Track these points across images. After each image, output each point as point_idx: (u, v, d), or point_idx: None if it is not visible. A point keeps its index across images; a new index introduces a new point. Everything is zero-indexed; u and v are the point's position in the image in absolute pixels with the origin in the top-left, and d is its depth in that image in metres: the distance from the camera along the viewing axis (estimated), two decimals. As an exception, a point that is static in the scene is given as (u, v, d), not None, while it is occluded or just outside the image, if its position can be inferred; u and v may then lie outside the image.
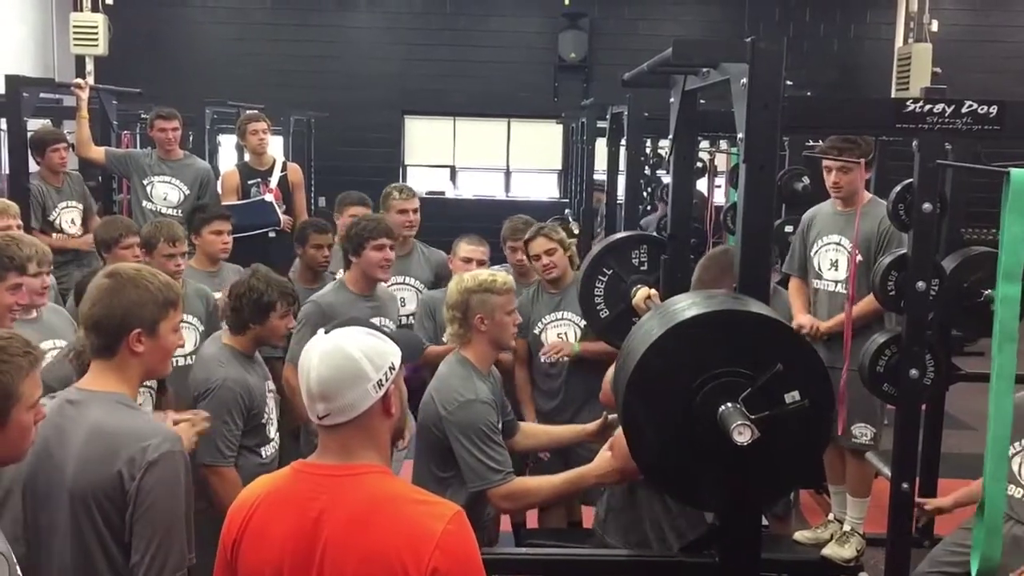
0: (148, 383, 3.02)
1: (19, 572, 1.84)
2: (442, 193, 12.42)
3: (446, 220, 5.19)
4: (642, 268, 3.66)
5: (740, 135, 2.40)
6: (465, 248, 4.56)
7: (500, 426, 3.09)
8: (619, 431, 2.84)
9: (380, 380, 1.79)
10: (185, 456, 2.18)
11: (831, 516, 4.34)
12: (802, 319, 4.23)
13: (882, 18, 11.81)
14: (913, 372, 3.07)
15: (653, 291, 3.45)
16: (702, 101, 3.37)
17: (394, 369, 1.83)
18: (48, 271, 3.34)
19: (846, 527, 4.12)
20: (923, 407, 3.46)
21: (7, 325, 2.65)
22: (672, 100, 3.25)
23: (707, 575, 2.59)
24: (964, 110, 2.36)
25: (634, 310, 3.54)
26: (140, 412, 2.25)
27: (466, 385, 3.01)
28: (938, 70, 10.44)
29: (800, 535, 4.26)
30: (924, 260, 3.09)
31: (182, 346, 2.47)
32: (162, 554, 2.07)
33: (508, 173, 12.87)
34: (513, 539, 4.39)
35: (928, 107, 2.37)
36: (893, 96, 10.96)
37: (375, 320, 4.04)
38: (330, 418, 1.79)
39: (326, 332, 1.84)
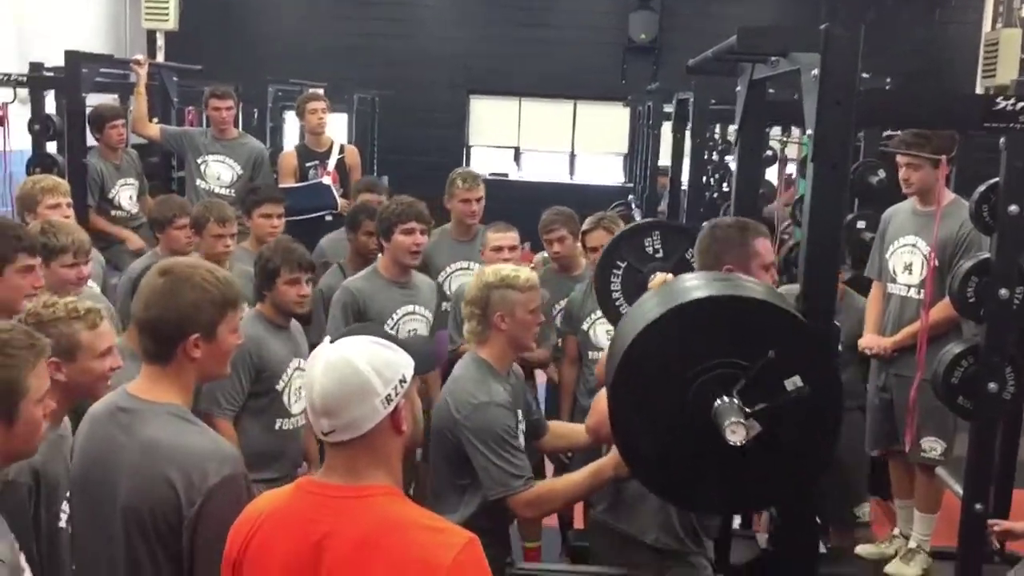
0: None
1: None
2: (506, 175, 12.28)
3: (509, 203, 5.05)
4: (658, 256, 3.49)
5: (810, 131, 2.21)
6: (493, 237, 4.33)
7: (524, 427, 2.93)
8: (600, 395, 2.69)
9: (389, 395, 1.67)
10: (246, 476, 2.05)
11: (896, 531, 4.14)
12: (865, 340, 4.04)
13: (969, 2, 11.30)
14: (992, 386, 2.95)
15: (670, 276, 3.25)
16: (771, 90, 3.19)
17: (405, 382, 1.70)
18: (86, 261, 3.29)
19: (912, 544, 3.94)
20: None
21: (19, 309, 2.56)
22: (739, 88, 3.08)
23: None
24: (1060, 108, 2.14)
25: None
26: (197, 427, 2.11)
27: (480, 387, 2.83)
28: (1028, 57, 9.99)
29: (863, 549, 4.09)
30: (1009, 266, 2.96)
31: (239, 344, 2.33)
32: None
33: (573, 156, 12.68)
34: (559, 536, 4.26)
35: (1020, 104, 2.15)
36: (979, 85, 10.52)
37: (408, 307, 4.02)
38: (335, 435, 1.67)
39: (332, 341, 1.71)
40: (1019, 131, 2.37)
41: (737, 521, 3.56)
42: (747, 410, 1.94)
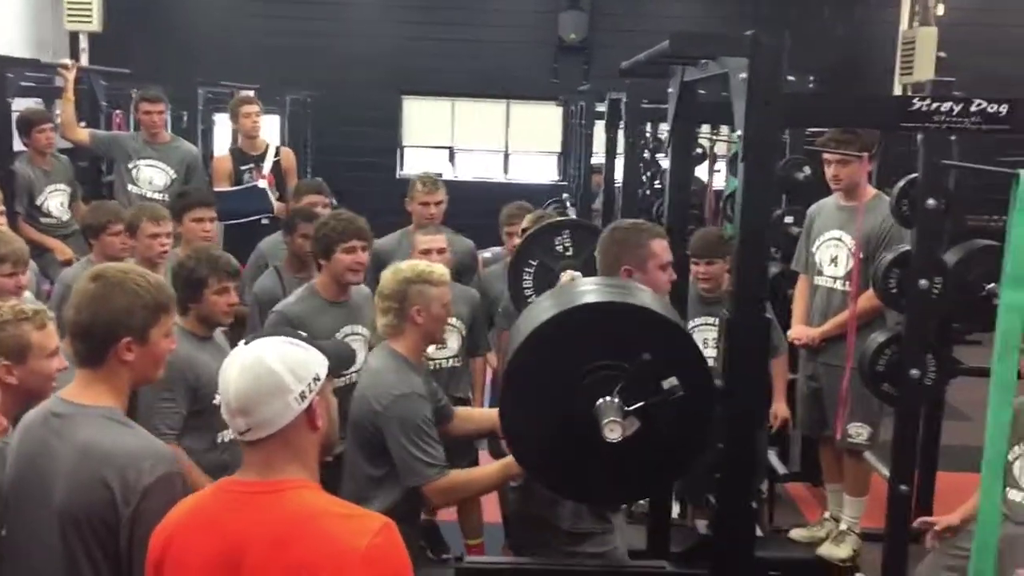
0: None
1: None
2: (440, 175, 12.23)
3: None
4: (568, 254, 3.57)
5: (739, 131, 2.31)
6: (422, 240, 4.20)
7: (434, 417, 3.01)
8: None
9: (303, 392, 1.71)
10: (182, 475, 2.07)
11: (827, 515, 4.28)
12: (794, 331, 4.18)
13: (887, 1, 11.64)
14: (914, 372, 3.03)
15: (577, 274, 3.35)
16: (701, 92, 3.29)
17: (319, 380, 1.74)
18: (24, 271, 3.25)
19: (843, 526, 4.07)
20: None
21: None
22: (671, 90, 3.17)
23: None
24: (973, 108, 2.26)
25: None
26: (132, 429, 2.12)
27: (400, 379, 2.91)
28: (943, 55, 10.32)
29: (796, 533, 4.21)
30: (927, 258, 3.04)
31: (173, 348, 2.31)
32: None
33: (507, 155, 12.73)
34: (502, 531, 4.31)
35: (935, 105, 2.27)
36: (896, 83, 10.85)
37: (347, 328, 3.84)
38: (251, 433, 1.71)
39: (246, 343, 1.75)
40: (946, 130, 2.49)
41: (675, 511, 3.67)
42: (626, 408, 2.02)
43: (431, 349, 3.91)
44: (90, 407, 2.07)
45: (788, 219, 4.85)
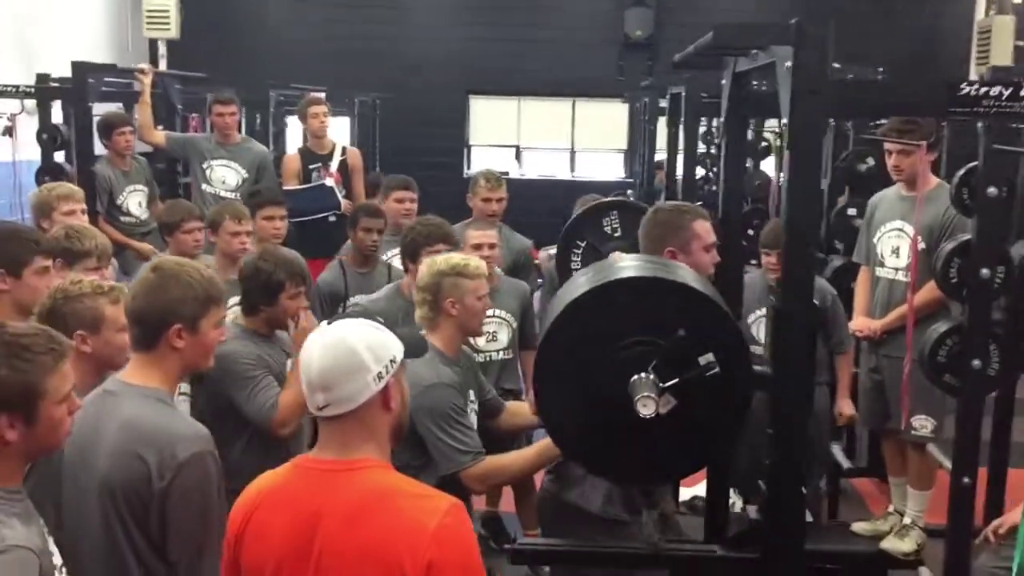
0: (184, 390, 3.04)
1: (57, 561, 1.87)
2: (507, 173, 12.30)
3: (511, 200, 5.17)
4: (616, 235, 3.55)
5: (784, 120, 2.33)
6: (473, 235, 4.27)
7: (476, 407, 3.06)
8: None
9: (380, 372, 1.79)
10: (215, 455, 2.19)
11: (891, 508, 4.23)
12: (855, 323, 4.14)
13: (962, -11, 11.37)
14: (976, 363, 2.99)
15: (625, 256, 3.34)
16: (762, 85, 3.29)
17: (395, 362, 1.82)
18: (107, 266, 3.40)
19: (906, 520, 4.01)
20: (994, 394, 3.33)
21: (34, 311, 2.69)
22: (724, 82, 3.18)
23: (750, 571, 2.55)
24: (1023, 93, 2.24)
25: None
26: (174, 410, 2.27)
27: (429, 370, 2.95)
28: (1021, 43, 10.03)
29: (859, 526, 4.17)
30: (988, 246, 3.00)
31: (223, 340, 2.47)
32: (199, 552, 2.12)
33: (573, 153, 12.77)
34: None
35: (984, 90, 2.25)
36: (972, 72, 10.58)
37: None
38: (329, 408, 1.79)
39: (329, 323, 1.84)
40: (995, 115, 2.46)
41: (738, 506, 3.66)
42: (661, 385, 2.02)
43: (481, 342, 4.00)
44: (138, 387, 2.22)
45: (851, 211, 4.81)
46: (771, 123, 6.53)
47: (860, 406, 4.31)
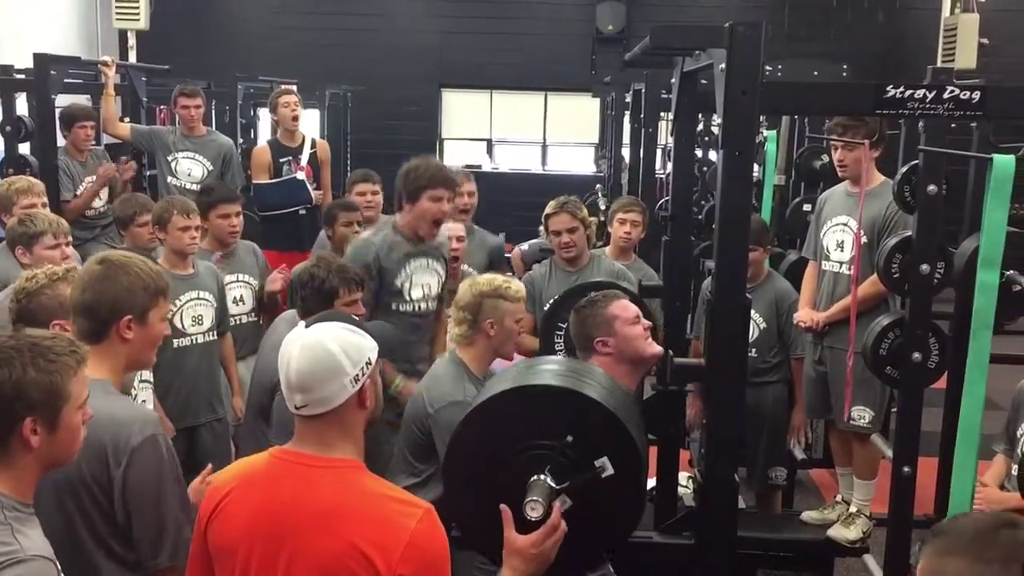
0: (146, 377, 3.06)
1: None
2: (479, 167, 12.41)
3: (483, 193, 5.21)
4: None
5: (718, 120, 2.39)
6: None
7: None
8: None
9: (357, 375, 1.86)
10: (165, 437, 2.22)
11: (838, 497, 4.32)
12: (799, 315, 4.23)
13: (929, -13, 11.50)
14: (916, 356, 3.05)
15: None
16: (703, 81, 3.35)
17: (371, 364, 1.89)
18: (68, 242, 3.41)
19: (852, 508, 4.11)
20: (945, 385, 3.40)
21: None
22: (673, 80, 3.24)
23: (684, 556, 2.62)
24: (946, 95, 2.32)
25: None
26: (120, 398, 2.29)
27: (456, 387, 3.03)
28: (985, 41, 10.18)
29: (807, 515, 4.25)
30: (928, 243, 3.06)
31: (168, 335, 2.51)
32: (160, 532, 2.16)
33: (545, 147, 12.83)
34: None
35: (908, 92, 2.33)
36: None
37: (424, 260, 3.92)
38: (307, 409, 1.86)
39: (307, 326, 1.90)
40: (919, 117, 2.55)
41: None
42: (554, 487, 2.07)
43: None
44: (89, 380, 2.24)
45: (806, 207, 4.90)
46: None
47: (804, 397, 4.41)
